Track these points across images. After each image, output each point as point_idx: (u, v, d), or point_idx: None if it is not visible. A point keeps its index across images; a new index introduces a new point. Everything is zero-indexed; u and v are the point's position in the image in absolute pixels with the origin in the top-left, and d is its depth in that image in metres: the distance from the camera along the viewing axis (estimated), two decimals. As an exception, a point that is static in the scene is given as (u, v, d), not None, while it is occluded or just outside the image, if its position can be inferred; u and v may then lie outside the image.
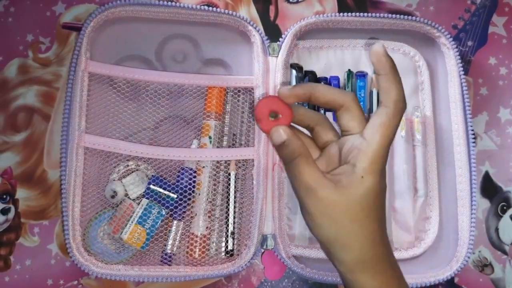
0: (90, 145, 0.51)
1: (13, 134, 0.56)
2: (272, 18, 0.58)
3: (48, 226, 0.54)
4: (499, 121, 0.59)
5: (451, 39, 0.55)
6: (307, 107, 0.53)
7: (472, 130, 0.54)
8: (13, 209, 0.55)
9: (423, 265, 0.54)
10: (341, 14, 0.54)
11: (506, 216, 0.58)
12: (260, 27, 0.58)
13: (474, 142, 0.54)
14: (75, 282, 0.54)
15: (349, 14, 0.54)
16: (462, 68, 0.55)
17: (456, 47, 0.55)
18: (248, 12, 0.58)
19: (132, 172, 0.52)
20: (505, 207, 0.58)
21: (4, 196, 0.55)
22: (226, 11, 0.53)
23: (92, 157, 0.51)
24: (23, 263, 0.54)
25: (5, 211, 0.55)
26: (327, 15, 0.54)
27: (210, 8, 0.53)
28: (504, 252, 0.57)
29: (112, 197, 0.51)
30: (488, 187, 0.58)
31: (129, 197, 0.51)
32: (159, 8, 0.53)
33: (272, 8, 0.59)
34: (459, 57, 0.55)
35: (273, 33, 0.57)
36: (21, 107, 0.56)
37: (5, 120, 0.56)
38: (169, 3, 0.53)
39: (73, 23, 0.57)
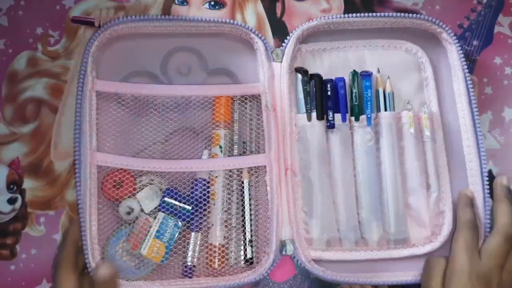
0: (102, 163, 0.51)
1: (21, 125, 0.57)
2: (278, 15, 0.59)
3: (54, 216, 0.55)
4: (503, 120, 0.59)
5: (452, 34, 0.55)
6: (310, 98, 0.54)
7: (479, 123, 0.55)
8: (20, 199, 0.55)
9: (441, 259, 0.54)
10: (343, 15, 0.55)
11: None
12: (267, 23, 0.58)
13: (481, 134, 0.54)
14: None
15: (351, 15, 0.55)
16: (465, 62, 0.55)
17: (458, 42, 0.55)
18: (255, 8, 0.59)
19: (145, 186, 0.52)
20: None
21: (12, 186, 0.56)
22: (227, 20, 0.54)
23: (105, 175, 0.51)
24: (28, 252, 0.54)
25: (12, 201, 0.55)
26: (328, 17, 0.55)
27: (211, 18, 0.53)
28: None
29: (128, 213, 0.51)
30: (492, 186, 0.58)
31: (144, 212, 0.51)
32: (160, 23, 0.53)
33: (278, 5, 0.59)
34: (461, 51, 0.55)
35: (279, 29, 0.57)
36: (29, 99, 0.57)
37: (13, 112, 0.57)
38: (170, 16, 0.53)
39: (82, 17, 0.58)
